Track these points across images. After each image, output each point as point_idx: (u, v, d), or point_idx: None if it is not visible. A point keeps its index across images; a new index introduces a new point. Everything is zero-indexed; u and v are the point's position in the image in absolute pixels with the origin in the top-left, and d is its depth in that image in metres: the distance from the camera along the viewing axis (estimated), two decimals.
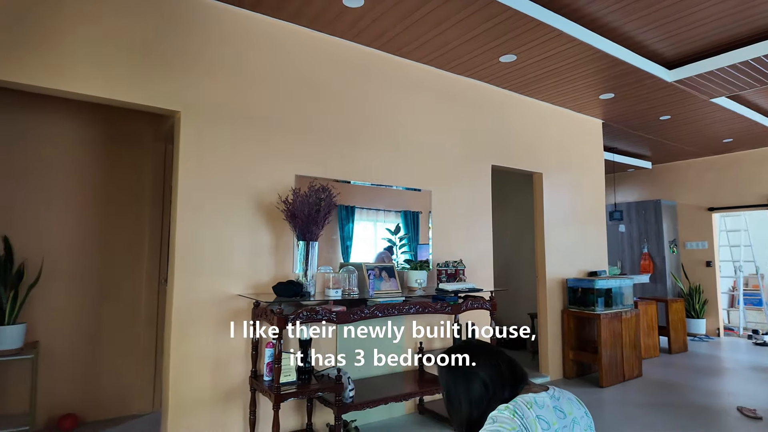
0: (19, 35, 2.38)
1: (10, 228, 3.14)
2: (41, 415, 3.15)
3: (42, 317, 3.20)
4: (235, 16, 3.04)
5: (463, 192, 4.09)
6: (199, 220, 2.80)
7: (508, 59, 3.78)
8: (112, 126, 3.55)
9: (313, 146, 3.28)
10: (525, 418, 1.06)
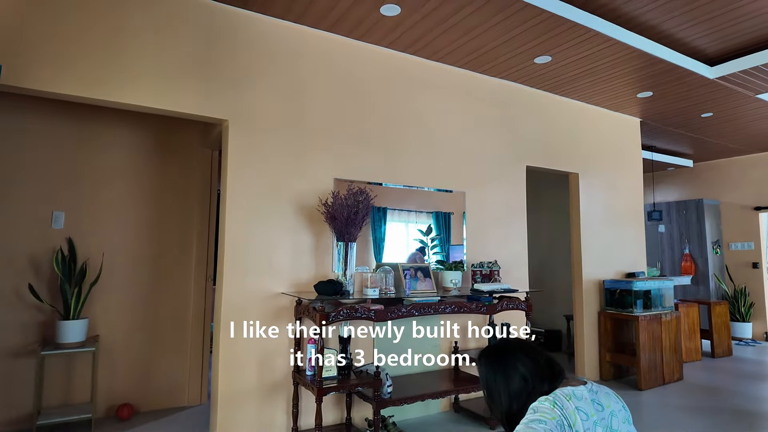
0: (82, 52, 2.59)
1: (74, 229, 3.40)
2: (101, 404, 3.39)
3: (102, 313, 3.45)
4: (278, 27, 3.18)
5: (497, 193, 4.12)
6: (245, 223, 2.96)
7: (543, 60, 3.79)
8: (164, 134, 3.78)
9: (350, 150, 3.40)
10: (565, 409, 1.11)
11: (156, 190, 3.72)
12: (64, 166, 3.40)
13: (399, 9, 3.03)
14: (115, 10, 2.69)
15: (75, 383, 3.33)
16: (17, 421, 3.14)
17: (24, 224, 3.26)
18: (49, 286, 3.30)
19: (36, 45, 2.48)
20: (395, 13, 3.08)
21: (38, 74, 2.48)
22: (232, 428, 2.82)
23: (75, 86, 2.56)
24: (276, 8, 3.05)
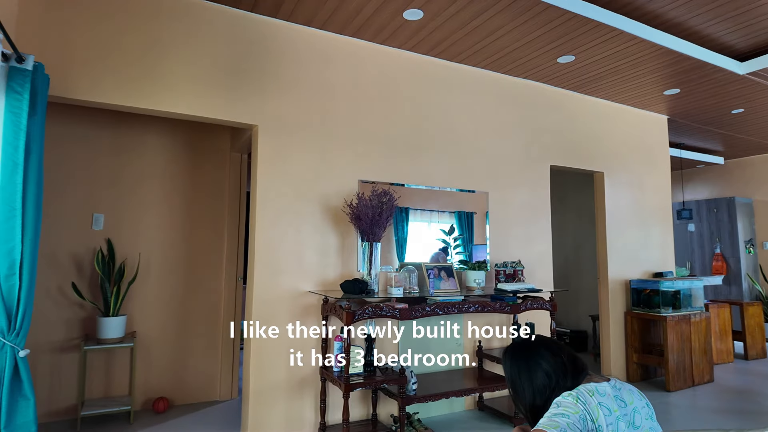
0: (121, 63, 2.74)
1: (113, 231, 3.58)
2: (139, 397, 3.56)
3: (139, 310, 3.62)
4: (304, 35, 3.28)
5: (520, 193, 4.13)
6: (274, 224, 3.07)
7: (566, 60, 3.79)
8: (196, 139, 3.93)
9: (374, 152, 3.47)
10: (587, 404, 1.15)
11: (189, 193, 3.87)
12: (103, 171, 3.59)
13: (422, 13, 3.09)
14: (150, 23, 2.83)
15: (114, 377, 3.50)
16: (63, 412, 3.33)
17: (67, 226, 3.45)
18: (90, 285, 3.48)
19: (79, 57, 2.64)
20: (418, 17, 3.13)
21: (80, 85, 2.63)
22: (262, 423, 2.93)
23: (114, 95, 2.70)
24: (302, 16, 3.15)
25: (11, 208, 2.06)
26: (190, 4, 2.94)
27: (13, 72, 2.07)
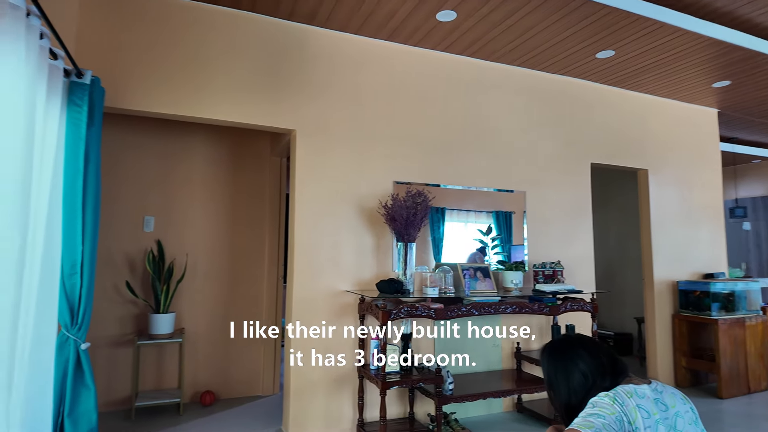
0: (167, 74, 2.91)
1: (162, 232, 3.79)
2: (187, 390, 3.75)
3: (186, 307, 3.81)
4: (339, 40, 3.36)
5: (560, 192, 4.05)
6: (312, 225, 3.16)
7: (605, 55, 3.69)
8: (238, 144, 4.10)
9: (409, 153, 3.50)
10: (625, 405, 1.13)
11: (231, 196, 4.04)
12: (152, 175, 3.80)
13: (455, 14, 3.10)
14: (193, 36, 2.98)
15: (165, 371, 3.70)
16: (119, 402, 3.55)
17: (121, 228, 3.68)
18: (142, 283, 3.70)
19: (130, 71, 2.82)
20: (451, 18, 3.15)
21: (132, 96, 2.81)
22: (303, 418, 3.02)
23: (162, 105, 2.87)
24: (337, 22, 3.23)
25: (73, 211, 2.23)
26: (231, 15, 3.08)
27: (73, 86, 2.25)
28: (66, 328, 2.24)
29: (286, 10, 3.09)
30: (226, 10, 3.08)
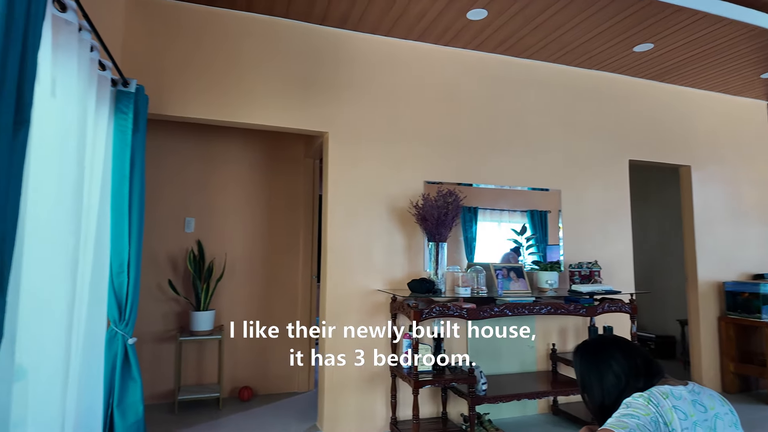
0: (207, 81, 3.02)
1: (202, 233, 3.94)
2: (226, 385, 3.88)
3: (225, 305, 3.94)
4: (370, 42, 3.40)
5: (596, 190, 3.95)
6: (344, 225, 3.22)
7: (643, 48, 3.57)
8: (273, 147, 4.21)
9: (440, 153, 3.50)
10: (660, 406, 1.11)
11: (267, 197, 4.15)
12: (192, 178, 3.96)
13: (486, 12, 3.08)
14: (230, 43, 3.09)
15: (205, 366, 3.85)
16: (163, 396, 3.72)
17: (164, 228, 3.85)
18: (184, 282, 3.86)
19: (171, 78, 2.95)
20: (482, 16, 3.13)
21: (173, 103, 2.94)
22: (337, 415, 3.08)
23: (201, 111, 2.99)
24: (368, 25, 3.27)
25: (120, 214, 2.36)
26: (265, 22, 3.17)
27: (119, 95, 2.38)
28: (114, 323, 2.37)
29: (319, 15, 3.15)
30: (261, 17, 3.17)
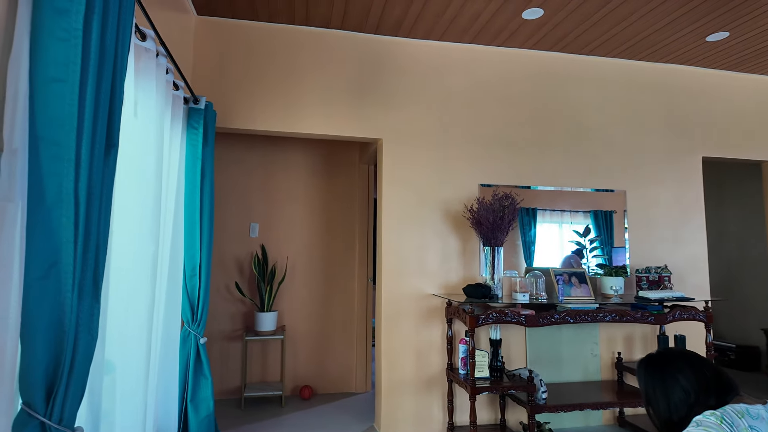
0: (266, 95, 3.18)
1: (266, 237, 4.13)
2: (288, 384, 4.04)
3: (287, 306, 4.11)
4: (422, 48, 3.42)
5: (666, 189, 3.72)
6: (399, 229, 3.26)
7: (717, 38, 3.33)
8: (329, 154, 4.34)
9: (495, 155, 3.46)
10: (734, 426, 1.05)
11: (325, 202, 4.29)
12: (256, 186, 4.16)
13: (542, 11, 3.01)
14: (287, 56, 3.23)
15: (269, 365, 4.03)
16: (231, 392, 3.94)
17: (231, 233, 4.08)
18: (249, 284, 4.07)
19: (235, 94, 3.13)
20: (538, 15, 3.06)
21: (238, 116, 3.12)
22: (394, 417, 3.12)
23: (265, 123, 3.15)
24: (421, 31, 3.29)
25: (192, 221, 2.55)
26: (321, 34, 3.29)
27: (191, 112, 2.57)
28: (188, 324, 2.55)
29: (373, 24, 3.22)
30: (318, 30, 3.29)
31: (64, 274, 1.09)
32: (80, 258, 1.14)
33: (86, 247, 1.16)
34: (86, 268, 1.17)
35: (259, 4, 2.99)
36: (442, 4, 2.96)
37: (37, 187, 1.05)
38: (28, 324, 1.06)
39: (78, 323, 1.16)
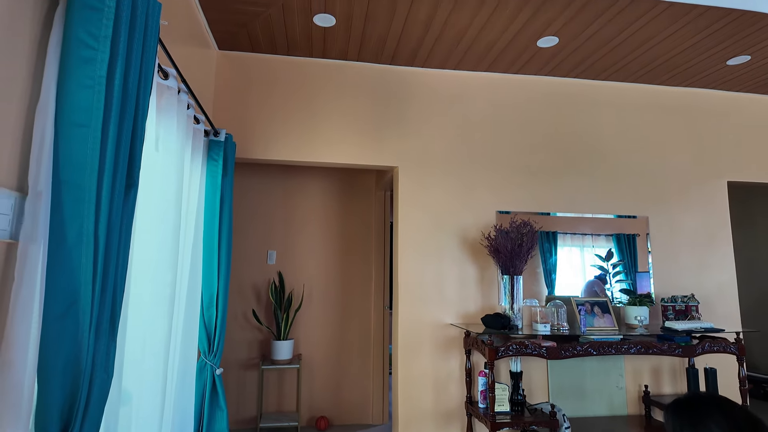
0: (285, 125, 3.24)
1: (283, 264, 4.15)
2: (304, 414, 3.99)
3: (303, 335, 4.09)
4: (438, 77, 3.46)
5: (690, 214, 3.62)
6: (415, 256, 3.23)
7: (739, 61, 3.28)
8: (346, 182, 4.38)
9: (513, 182, 3.43)
10: None
11: (342, 228, 4.30)
12: (275, 213, 4.21)
13: (557, 39, 3.01)
14: (306, 88, 3.30)
15: (285, 394, 3.99)
16: (247, 421, 3.90)
17: (249, 261, 4.11)
18: (266, 311, 4.07)
19: (255, 126, 3.20)
20: (553, 43, 3.07)
21: (257, 147, 3.18)
22: None
23: (282, 152, 3.20)
24: (436, 61, 3.33)
25: (211, 251, 2.58)
26: (338, 66, 3.35)
27: (211, 144, 2.62)
28: (204, 354, 2.56)
29: (388, 55, 3.27)
30: (334, 62, 3.36)
31: (82, 313, 1.11)
32: (98, 297, 1.15)
33: (104, 287, 1.18)
34: (104, 307, 1.19)
35: (278, 39, 3.08)
36: (456, 36, 2.99)
37: (59, 228, 1.08)
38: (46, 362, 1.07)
39: (94, 362, 1.17)
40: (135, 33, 1.27)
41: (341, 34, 3.00)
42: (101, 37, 1.13)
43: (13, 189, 1.09)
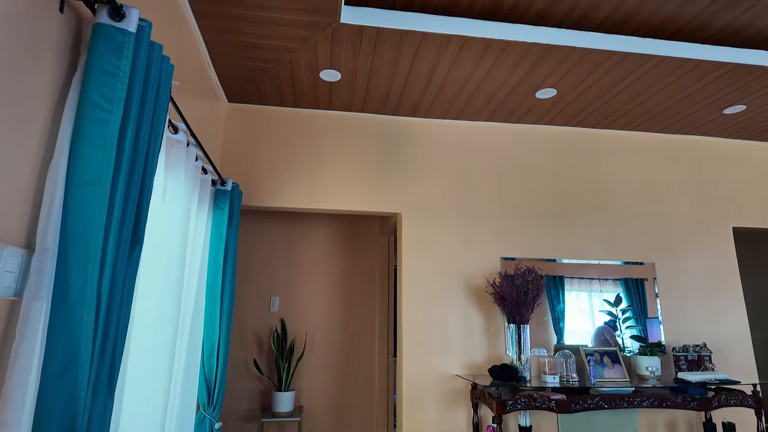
0: (290, 175, 3.30)
1: (286, 311, 4.10)
2: None
3: (305, 385, 3.98)
4: (440, 127, 3.55)
5: (697, 261, 3.59)
6: (420, 304, 3.19)
7: (735, 110, 3.35)
8: (350, 228, 4.40)
9: (517, 228, 3.43)
10: None
11: (345, 274, 4.28)
12: (279, 259, 4.21)
13: (555, 91, 3.11)
14: (311, 139, 3.38)
15: None
16: None
17: (252, 307, 4.07)
18: (267, 359, 3.98)
19: (261, 175, 3.27)
20: (551, 95, 3.16)
21: (263, 195, 3.23)
22: None
23: (288, 200, 3.24)
24: (437, 112, 3.43)
25: (213, 301, 2.56)
26: (342, 117, 3.45)
27: (218, 193, 2.67)
28: (203, 407, 2.49)
29: (392, 107, 3.38)
30: (339, 113, 3.46)
31: (81, 371, 1.09)
32: (98, 354, 1.14)
33: (104, 343, 1.17)
34: (103, 363, 1.17)
35: (285, 93, 3.20)
36: (456, 90, 3.10)
37: (63, 285, 1.09)
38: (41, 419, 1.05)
39: (90, 421, 1.14)
40: (147, 94, 1.33)
41: (346, 87, 3.11)
42: (115, 100, 1.18)
43: (21, 246, 1.11)
